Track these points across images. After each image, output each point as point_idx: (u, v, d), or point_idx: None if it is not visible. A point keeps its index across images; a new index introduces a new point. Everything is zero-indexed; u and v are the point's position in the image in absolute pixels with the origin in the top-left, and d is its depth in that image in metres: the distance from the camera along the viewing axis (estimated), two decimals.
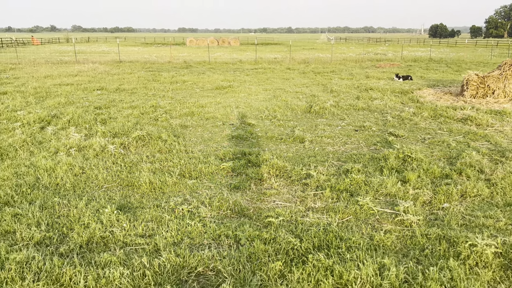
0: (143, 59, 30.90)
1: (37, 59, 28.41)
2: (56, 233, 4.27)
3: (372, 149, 7.56)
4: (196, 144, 7.83)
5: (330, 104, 11.91)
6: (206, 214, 4.75)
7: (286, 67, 25.58)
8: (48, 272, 3.47)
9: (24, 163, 6.49)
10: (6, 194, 5.21)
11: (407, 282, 3.35)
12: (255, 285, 3.36)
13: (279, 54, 39.39)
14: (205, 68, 24.37)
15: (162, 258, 3.73)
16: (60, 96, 13.14)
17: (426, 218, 4.71)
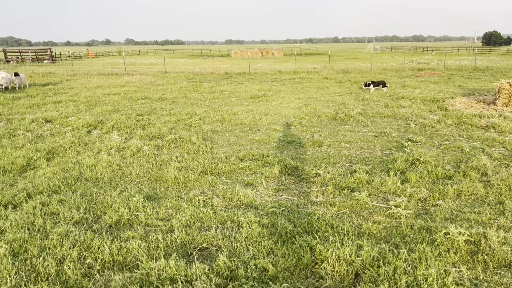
0: (188, 70, 32.44)
1: (90, 71, 30.66)
2: (91, 215, 5.13)
3: (386, 153, 7.97)
4: (221, 146, 8.59)
5: (357, 112, 12.33)
6: (218, 204, 5.46)
7: (324, 77, 26.02)
8: (82, 242, 4.29)
9: (71, 160, 7.52)
10: (54, 185, 6.18)
11: (377, 260, 3.86)
12: (247, 258, 4.00)
13: (319, 64, 39.81)
14: (245, 79, 25.32)
15: (174, 235, 4.46)
16: (107, 105, 14.43)
17: (416, 212, 5.14)
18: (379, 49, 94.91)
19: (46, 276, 3.72)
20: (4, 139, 9.13)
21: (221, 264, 3.80)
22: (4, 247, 4.11)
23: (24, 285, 3.56)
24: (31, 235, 4.47)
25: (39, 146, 8.40)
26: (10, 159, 7.43)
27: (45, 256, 4.02)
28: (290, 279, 3.71)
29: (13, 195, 5.74)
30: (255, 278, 3.65)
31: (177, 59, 57.69)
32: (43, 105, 14.41)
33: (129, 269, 3.88)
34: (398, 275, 3.55)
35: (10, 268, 3.79)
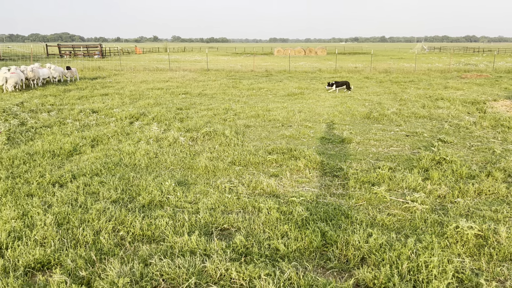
0: (229, 67, 33.12)
1: (136, 67, 32.01)
2: (127, 195, 5.65)
3: (413, 152, 8.04)
4: (252, 140, 8.96)
5: (392, 112, 12.33)
6: (243, 191, 5.83)
7: (365, 76, 25.82)
8: (117, 217, 4.80)
9: (113, 147, 8.15)
10: (96, 168, 6.78)
11: (384, 247, 4.08)
12: (263, 238, 4.34)
13: (361, 63, 39.35)
14: (284, 77, 25.60)
15: (199, 216, 4.88)
16: (150, 98, 15.20)
17: (433, 208, 5.27)
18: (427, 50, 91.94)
19: (84, 243, 4.24)
20: (55, 127, 9.97)
21: (237, 242, 4.17)
22: (50, 218, 4.68)
23: (65, 249, 4.08)
24: (74, 209, 5.03)
25: (85, 134, 9.13)
26: (59, 144, 8.15)
27: (84, 227, 4.55)
28: (299, 259, 4.01)
29: (60, 175, 6.38)
30: (267, 256, 3.99)
31: (220, 56, 58.78)
32: (91, 97, 15.39)
33: (156, 242, 4.33)
34: (401, 260, 3.77)
35: (54, 235, 4.34)
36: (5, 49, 63.05)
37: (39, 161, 7.16)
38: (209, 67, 32.52)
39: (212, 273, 3.63)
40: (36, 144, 8.15)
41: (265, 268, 3.65)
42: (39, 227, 4.49)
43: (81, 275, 3.58)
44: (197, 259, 3.82)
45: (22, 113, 11.65)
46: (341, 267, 3.88)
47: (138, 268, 3.65)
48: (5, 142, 8.34)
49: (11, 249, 4.02)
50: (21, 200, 5.39)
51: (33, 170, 6.62)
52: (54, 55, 49.23)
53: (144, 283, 3.46)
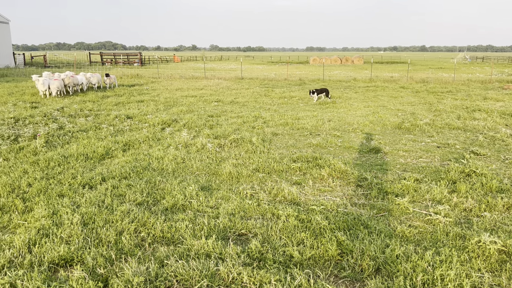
0: (263, 76, 33.37)
1: (173, 75, 32.83)
2: (152, 198, 5.83)
3: (443, 164, 7.83)
4: (278, 148, 9.01)
5: (424, 122, 12.05)
6: (263, 198, 5.89)
7: (401, 86, 25.31)
8: (139, 219, 4.97)
9: (143, 152, 8.42)
10: (125, 172, 7.04)
11: (400, 258, 4.02)
12: (278, 245, 4.38)
13: (398, 73, 38.60)
14: (317, 86, 25.49)
15: (218, 221, 4.97)
16: (183, 105, 15.57)
17: (457, 221, 5.13)
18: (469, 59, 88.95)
19: (107, 242, 4.42)
20: (90, 131, 10.42)
21: (252, 248, 4.22)
22: (77, 217, 4.91)
23: (88, 247, 4.28)
24: (100, 210, 5.25)
25: (118, 138, 9.49)
26: (93, 148, 8.52)
27: (108, 227, 4.74)
28: (313, 266, 4.02)
29: (91, 178, 6.67)
30: (280, 262, 4.02)
31: (255, 65, 59.26)
32: (127, 104, 15.94)
33: (174, 244, 4.46)
34: (416, 272, 3.70)
35: (79, 233, 4.55)
36: (51, 57, 66.26)
37: (72, 163, 7.51)
38: (243, 75, 32.88)
39: (225, 276, 3.71)
40: (72, 147, 8.55)
41: (277, 274, 3.68)
42: (66, 226, 4.73)
43: (100, 273, 3.75)
44: (211, 262, 3.91)
45: (62, 118, 12.24)
46: (355, 277, 3.86)
47: (154, 268, 3.78)
48: (43, 144, 8.80)
49: (38, 246, 4.26)
50: (53, 199, 5.68)
51: (66, 172, 6.96)
52: (96, 62, 51.30)
53: (158, 283, 3.58)
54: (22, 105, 14.81)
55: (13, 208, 5.43)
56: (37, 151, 8.36)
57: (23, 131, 10.29)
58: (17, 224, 4.96)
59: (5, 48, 43.67)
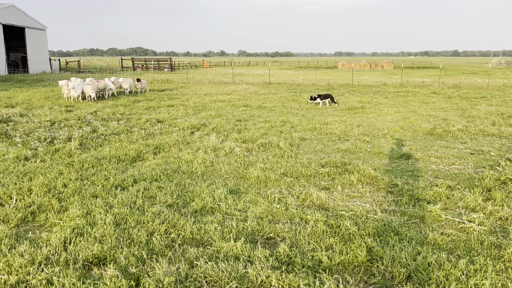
0: (291, 81, 33.34)
1: (202, 80, 33.26)
2: (182, 200, 5.93)
3: (477, 171, 7.61)
4: (306, 153, 8.98)
5: (457, 128, 11.74)
6: (291, 202, 5.88)
7: (432, 91, 24.75)
8: (169, 221, 5.06)
9: (173, 155, 8.57)
10: (156, 174, 7.17)
11: (432, 266, 3.93)
12: (307, 250, 4.36)
13: (430, 78, 37.78)
14: (346, 90, 25.28)
15: (247, 224, 5.00)
16: (212, 110, 15.75)
17: (492, 230, 4.97)
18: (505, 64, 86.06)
19: (138, 243, 4.52)
20: (122, 134, 10.68)
21: (281, 251, 4.22)
22: (110, 217, 5.05)
23: (120, 247, 4.38)
24: (132, 211, 5.38)
25: (149, 142, 9.69)
26: (124, 150, 8.73)
27: (139, 228, 4.85)
28: (342, 272, 3.98)
29: (123, 179, 6.84)
30: (309, 267, 4.00)
31: (284, 70, 59.29)
32: (158, 108, 16.26)
33: (204, 246, 4.51)
34: (449, 281, 3.61)
35: (112, 233, 4.68)
36: (85, 62, 68.45)
37: (105, 165, 7.71)
38: (271, 80, 32.96)
39: (253, 279, 3.72)
40: (104, 150, 8.79)
41: (305, 278, 3.67)
42: (99, 226, 4.87)
43: (132, 272, 3.84)
44: (240, 264, 3.93)
45: (95, 121, 12.61)
46: (385, 284, 3.79)
47: (184, 269, 3.84)
48: (77, 147, 9.08)
49: (73, 244, 4.40)
50: (87, 200, 5.86)
51: (100, 174, 7.16)
52: (128, 68, 52.59)
53: (188, 283, 3.63)
54: (58, 109, 15.34)
55: (49, 208, 5.63)
56: (71, 153, 8.65)
57: (58, 133, 10.66)
58: (53, 223, 5.14)
59: (42, 54, 45.42)
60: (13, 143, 9.53)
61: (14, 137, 10.03)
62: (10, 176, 6.90)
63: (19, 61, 43.48)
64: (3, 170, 7.30)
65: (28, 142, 9.57)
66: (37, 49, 43.96)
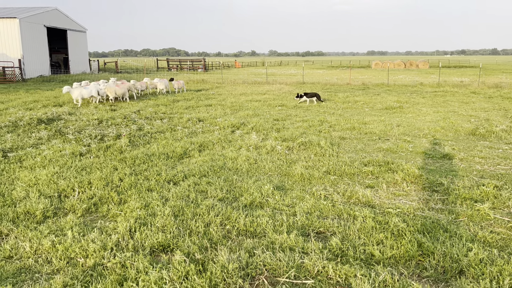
0: (324, 80, 33.28)
1: (236, 80, 33.69)
2: (231, 195, 6.21)
3: None
4: (347, 152, 9.10)
5: (501, 129, 11.53)
6: (337, 199, 6.05)
7: (471, 91, 24.17)
8: (223, 213, 5.34)
9: (217, 153, 8.88)
10: (204, 170, 7.50)
11: (484, 262, 4.02)
12: (358, 244, 4.53)
13: (468, 77, 36.79)
14: (381, 90, 25.04)
15: (296, 218, 5.22)
16: (249, 110, 16.04)
17: None
18: None
19: (197, 233, 4.82)
20: (167, 133, 11.12)
21: (333, 244, 4.42)
22: (168, 209, 5.38)
23: (181, 236, 4.70)
24: (187, 204, 5.70)
25: (193, 140, 10.06)
26: (171, 148, 9.12)
27: (196, 219, 5.15)
28: (394, 265, 4.13)
29: (174, 175, 7.19)
30: (362, 259, 4.18)
31: (316, 70, 59.07)
32: (197, 107, 16.71)
33: (258, 237, 4.76)
34: (502, 276, 3.70)
35: (172, 224, 5.00)
36: (121, 63, 70.46)
37: (155, 161, 8.11)
38: (304, 80, 33.01)
39: (310, 269, 3.94)
40: (152, 147, 9.21)
41: (361, 269, 3.85)
42: (159, 217, 5.20)
43: (197, 258, 4.13)
44: (296, 255, 4.15)
45: (140, 120, 13.14)
46: (437, 277, 3.92)
47: (244, 257, 4.09)
48: (128, 144, 9.55)
49: (138, 232, 4.75)
50: (143, 193, 6.23)
51: (151, 169, 7.55)
52: (163, 68, 53.84)
53: (250, 270, 3.88)
54: (103, 108, 16.04)
55: (109, 200, 6.03)
56: (122, 149, 9.11)
57: (107, 131, 11.21)
58: (115, 214, 5.52)
59: (82, 55, 47.20)
60: (67, 140, 10.11)
61: (67, 134, 10.63)
62: (70, 170, 7.39)
63: (61, 62, 45.33)
64: (62, 164, 7.81)
65: (81, 139, 10.14)
66: (78, 51, 45.70)
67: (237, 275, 3.85)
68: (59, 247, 4.42)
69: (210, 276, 3.80)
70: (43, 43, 39.27)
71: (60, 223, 5.16)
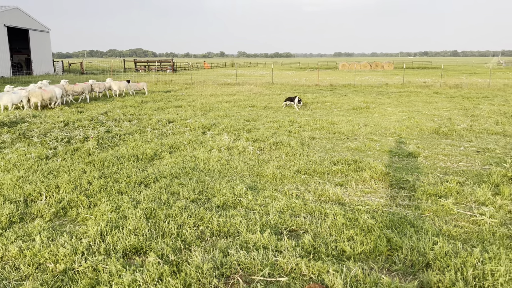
0: (293, 82, 33.65)
1: (206, 81, 33.56)
2: (204, 196, 6.20)
3: (484, 168, 7.88)
4: (317, 151, 9.26)
5: (462, 127, 12.03)
6: (309, 198, 6.16)
7: (434, 91, 25.05)
8: (196, 214, 5.34)
9: (188, 154, 8.84)
10: (175, 172, 7.45)
11: (449, 254, 4.21)
12: (329, 240, 4.64)
13: (431, 78, 38.12)
14: (349, 91, 25.57)
15: (269, 217, 5.28)
16: (219, 111, 16.02)
17: (502, 222, 5.24)
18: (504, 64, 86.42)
19: (170, 234, 4.80)
20: (136, 134, 10.96)
21: (306, 242, 4.50)
22: (140, 212, 5.32)
23: (154, 238, 4.66)
24: (159, 206, 5.65)
25: (163, 141, 9.97)
26: (141, 150, 9.00)
27: (169, 221, 5.13)
28: (365, 260, 4.26)
29: (144, 177, 7.11)
30: (333, 255, 4.28)
31: (285, 71, 59.60)
32: (166, 109, 16.54)
33: (232, 237, 4.79)
34: (466, 267, 3.89)
35: (145, 226, 4.95)
36: (87, 64, 68.74)
37: (125, 164, 7.99)
38: (274, 81, 33.25)
39: (284, 266, 4.00)
40: (122, 149, 9.06)
41: (333, 265, 3.95)
42: (131, 219, 5.14)
43: (171, 259, 4.11)
44: (270, 253, 4.21)
45: (107, 122, 12.89)
46: (406, 270, 4.07)
47: (218, 257, 4.11)
48: (96, 146, 9.36)
49: (110, 236, 4.68)
50: (113, 196, 6.13)
51: (121, 172, 7.43)
52: (130, 69, 52.89)
53: (224, 270, 3.91)
54: (68, 110, 15.62)
55: (79, 204, 5.90)
56: (90, 152, 8.92)
57: (74, 133, 10.93)
58: (85, 218, 5.41)
59: (45, 56, 45.72)
60: (32, 143, 9.80)
61: (32, 137, 10.30)
62: (36, 174, 7.17)
63: (23, 63, 43.78)
64: (27, 168, 7.57)
65: (46, 142, 9.84)
66: (41, 51, 44.26)
67: (211, 275, 3.86)
68: (27, 252, 4.30)
69: (184, 277, 3.80)
70: (3, 43, 37.81)
71: (27, 228, 5.01)
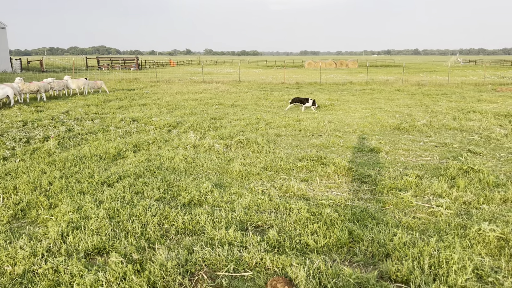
0: (260, 80, 33.76)
1: (171, 79, 33.14)
2: (169, 195, 6.15)
3: (442, 162, 8.22)
4: (283, 148, 9.37)
5: (422, 123, 12.46)
6: (274, 193, 6.23)
7: (396, 89, 25.80)
8: (161, 213, 5.29)
9: (153, 153, 8.73)
10: (139, 171, 7.34)
11: (408, 245, 4.38)
12: (294, 235, 4.72)
13: (393, 76, 39.20)
14: (314, 89, 25.94)
15: (235, 214, 5.31)
16: (185, 109, 15.89)
17: (457, 213, 5.50)
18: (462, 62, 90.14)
19: (134, 233, 4.74)
20: (99, 133, 10.71)
21: (271, 237, 4.56)
22: (103, 212, 5.22)
23: (117, 238, 4.59)
24: (122, 205, 5.57)
25: (127, 140, 9.79)
26: (104, 149, 8.81)
27: (133, 220, 5.06)
28: (328, 253, 4.36)
29: (107, 176, 6.97)
30: (297, 249, 4.36)
31: (252, 69, 59.70)
32: (130, 107, 16.24)
33: (197, 234, 4.78)
34: (423, 256, 4.06)
35: (108, 226, 4.87)
36: (47, 62, 66.32)
37: (87, 163, 7.80)
38: (241, 79, 33.26)
39: (249, 261, 4.04)
40: (84, 149, 8.84)
41: (296, 258, 4.02)
42: (93, 219, 5.04)
43: (134, 258, 4.07)
44: (235, 249, 4.24)
45: (69, 121, 12.52)
46: (367, 261, 4.21)
47: (183, 254, 4.10)
48: (57, 146, 9.08)
49: (71, 236, 4.57)
50: (75, 196, 5.98)
51: (83, 171, 7.26)
52: (93, 67, 51.48)
53: (189, 267, 3.91)
54: (27, 109, 15.06)
55: (38, 205, 5.73)
56: (51, 152, 8.65)
57: (33, 133, 10.56)
58: (45, 219, 5.26)
59: (2, 53, 43.79)
60: None
61: None
62: None
63: None
64: None
65: (4, 142, 9.46)
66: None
67: (176, 273, 3.85)
68: None
69: (148, 275, 3.77)
70: None
71: None
